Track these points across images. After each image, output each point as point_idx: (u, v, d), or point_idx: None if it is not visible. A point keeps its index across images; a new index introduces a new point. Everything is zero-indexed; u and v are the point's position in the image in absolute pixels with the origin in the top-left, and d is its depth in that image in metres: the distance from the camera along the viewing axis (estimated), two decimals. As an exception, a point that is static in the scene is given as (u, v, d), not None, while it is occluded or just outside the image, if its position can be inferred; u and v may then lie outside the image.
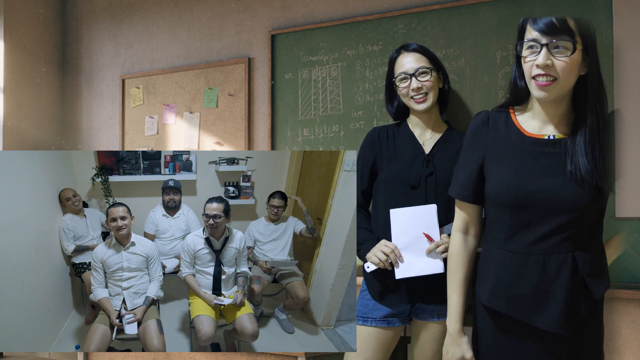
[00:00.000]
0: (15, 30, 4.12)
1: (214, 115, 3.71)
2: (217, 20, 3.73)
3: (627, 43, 2.59)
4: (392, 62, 2.59)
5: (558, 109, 1.92)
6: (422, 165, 2.50)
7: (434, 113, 2.58)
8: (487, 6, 2.88)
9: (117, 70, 4.12)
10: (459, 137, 2.56)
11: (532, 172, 1.90)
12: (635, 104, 2.57)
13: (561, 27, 1.81)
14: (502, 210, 1.94)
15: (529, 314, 1.90)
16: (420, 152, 2.53)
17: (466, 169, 2.04)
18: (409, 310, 2.53)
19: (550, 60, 1.82)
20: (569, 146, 1.88)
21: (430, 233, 2.40)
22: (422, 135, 2.58)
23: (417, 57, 2.53)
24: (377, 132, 2.64)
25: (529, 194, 1.89)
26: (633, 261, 2.59)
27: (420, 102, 2.51)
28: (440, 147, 2.54)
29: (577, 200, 1.86)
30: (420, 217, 2.43)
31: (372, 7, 3.19)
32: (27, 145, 4.16)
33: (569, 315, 1.87)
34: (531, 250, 1.90)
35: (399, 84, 2.54)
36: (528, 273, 1.89)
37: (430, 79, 2.51)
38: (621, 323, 2.58)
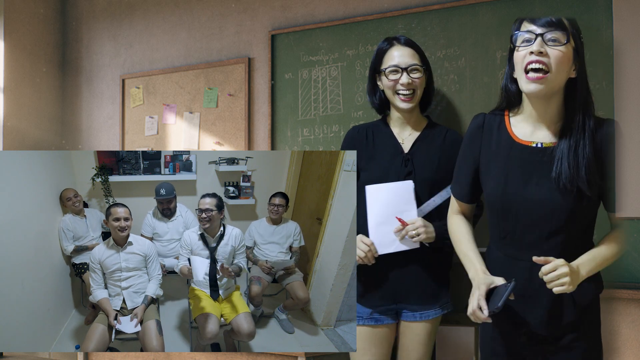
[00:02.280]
0: (15, 30, 4.13)
1: (214, 115, 3.71)
2: (217, 20, 3.73)
3: (627, 43, 2.59)
4: (382, 53, 2.54)
5: (548, 108, 1.93)
6: (401, 165, 2.50)
7: (415, 112, 2.57)
8: (487, 6, 2.88)
9: (117, 70, 4.12)
10: (440, 132, 2.57)
11: (519, 179, 1.93)
12: (635, 104, 2.57)
13: (556, 22, 1.84)
14: (495, 215, 2.00)
15: (516, 314, 1.96)
16: (399, 151, 2.52)
17: (463, 171, 2.11)
18: (394, 309, 2.53)
19: (544, 49, 1.83)
20: (554, 152, 1.90)
21: (407, 209, 2.41)
22: (401, 133, 2.57)
23: (411, 53, 2.51)
24: (355, 132, 2.63)
25: (515, 202, 1.93)
26: (633, 261, 2.59)
27: (405, 100, 2.49)
28: (419, 145, 2.53)
29: (561, 208, 1.88)
30: (397, 193, 2.43)
31: (372, 7, 3.19)
32: (27, 145, 4.16)
33: (554, 319, 1.93)
34: (520, 256, 1.95)
35: (388, 76, 2.50)
36: (516, 277, 1.90)
37: (420, 77, 2.50)
38: (621, 323, 2.58)
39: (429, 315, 2.52)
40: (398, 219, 2.41)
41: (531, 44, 1.85)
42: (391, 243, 2.43)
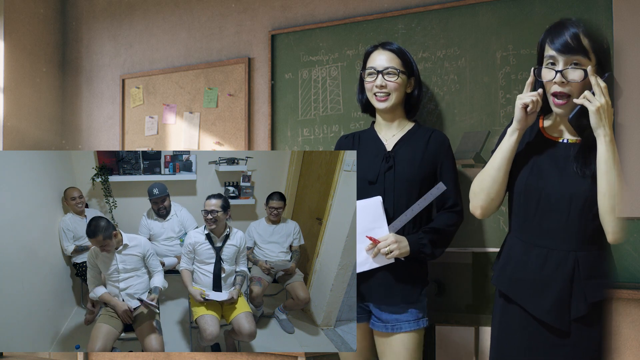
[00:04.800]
0: (15, 30, 4.12)
1: (214, 115, 3.71)
2: (217, 20, 3.73)
3: (627, 43, 2.59)
4: (367, 56, 2.65)
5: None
6: (382, 161, 2.52)
7: (398, 114, 2.63)
8: (487, 6, 2.88)
9: (117, 70, 4.12)
10: (425, 133, 2.61)
11: (542, 168, 2.05)
12: (635, 104, 2.57)
13: (576, 47, 1.95)
14: (516, 200, 2.09)
15: (526, 298, 2.04)
16: (382, 149, 2.57)
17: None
18: (364, 308, 2.57)
19: (566, 78, 1.97)
20: (579, 148, 2.02)
21: (378, 225, 2.41)
22: (385, 134, 2.63)
23: (390, 57, 2.58)
24: (343, 139, 2.74)
25: (536, 189, 2.04)
26: (633, 261, 2.59)
27: (380, 100, 2.56)
28: (402, 144, 2.57)
29: (578, 198, 1.99)
30: (365, 210, 2.44)
31: (372, 7, 3.19)
32: (27, 145, 4.16)
33: (561, 309, 1.99)
34: (536, 242, 2.04)
35: (366, 78, 2.60)
36: (531, 263, 2.03)
37: (396, 81, 2.55)
38: (621, 323, 2.58)
39: (400, 327, 2.48)
40: (368, 237, 2.41)
41: (554, 77, 1.98)
42: (365, 261, 2.44)
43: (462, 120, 2.91)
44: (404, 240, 2.42)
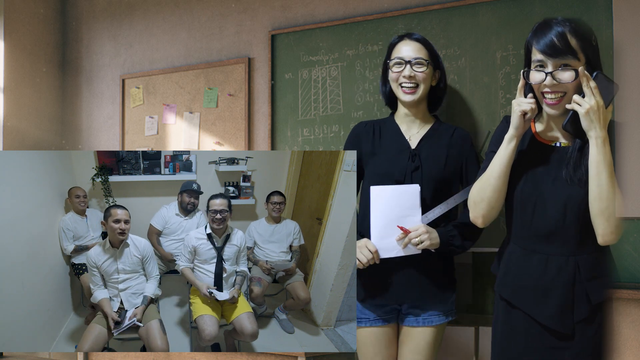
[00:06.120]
0: (15, 30, 4.12)
1: (214, 115, 3.71)
2: (217, 20, 3.73)
3: (627, 43, 2.59)
4: (392, 47, 2.57)
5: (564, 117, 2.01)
6: (408, 160, 2.48)
7: (422, 107, 2.56)
8: (487, 6, 2.88)
9: (117, 70, 4.12)
10: (447, 130, 2.56)
11: (536, 174, 2.03)
12: (635, 104, 2.57)
13: (564, 49, 1.91)
14: (513, 208, 2.08)
15: (529, 305, 2.03)
16: (405, 146, 2.51)
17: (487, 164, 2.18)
18: (397, 310, 2.52)
19: (557, 80, 1.94)
20: (569, 152, 2.00)
21: (411, 214, 2.38)
22: (408, 129, 2.56)
23: (418, 47, 2.51)
24: (362, 127, 2.63)
25: (532, 196, 2.02)
26: (633, 261, 2.59)
27: (408, 92, 2.49)
28: (426, 142, 2.52)
29: (573, 202, 1.97)
30: (402, 196, 2.40)
31: (372, 7, 3.19)
32: (27, 145, 4.16)
33: (565, 314, 1.99)
34: (536, 249, 2.03)
35: (392, 68, 2.51)
36: (531, 269, 2.03)
37: (425, 72, 2.49)
38: (621, 323, 2.58)
39: (432, 321, 2.49)
40: (400, 227, 2.38)
41: (543, 79, 1.95)
42: (393, 248, 2.41)
43: (462, 121, 2.91)
44: (434, 231, 2.40)
